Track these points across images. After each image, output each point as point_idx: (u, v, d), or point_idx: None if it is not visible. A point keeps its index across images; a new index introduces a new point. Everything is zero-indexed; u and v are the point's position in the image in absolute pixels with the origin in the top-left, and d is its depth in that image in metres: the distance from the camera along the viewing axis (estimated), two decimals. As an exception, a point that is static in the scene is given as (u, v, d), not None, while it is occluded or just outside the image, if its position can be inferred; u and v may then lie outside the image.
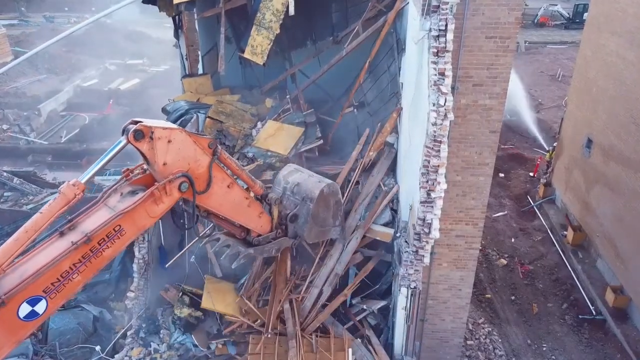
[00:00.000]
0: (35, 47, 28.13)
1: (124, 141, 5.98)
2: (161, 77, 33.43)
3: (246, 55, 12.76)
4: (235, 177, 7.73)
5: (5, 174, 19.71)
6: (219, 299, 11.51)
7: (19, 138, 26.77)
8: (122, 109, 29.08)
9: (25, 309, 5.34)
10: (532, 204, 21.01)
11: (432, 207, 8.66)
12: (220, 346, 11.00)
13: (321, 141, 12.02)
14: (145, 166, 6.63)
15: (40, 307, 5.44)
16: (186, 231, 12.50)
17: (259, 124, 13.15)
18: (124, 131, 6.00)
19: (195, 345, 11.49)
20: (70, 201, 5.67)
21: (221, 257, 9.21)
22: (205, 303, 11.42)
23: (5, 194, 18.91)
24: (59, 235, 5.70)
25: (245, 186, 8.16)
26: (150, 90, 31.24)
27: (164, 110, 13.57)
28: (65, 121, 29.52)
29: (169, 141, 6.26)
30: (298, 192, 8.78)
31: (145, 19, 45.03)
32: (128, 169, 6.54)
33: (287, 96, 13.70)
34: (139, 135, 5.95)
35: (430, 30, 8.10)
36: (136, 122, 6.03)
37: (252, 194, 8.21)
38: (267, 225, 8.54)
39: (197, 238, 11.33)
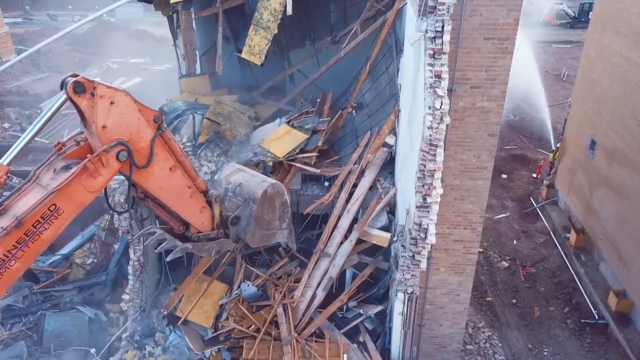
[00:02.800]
0: (38, 45, 28.05)
1: (64, 96, 5.42)
2: (163, 76, 33.30)
3: (244, 55, 12.66)
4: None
5: (4, 173, 19.66)
6: (198, 304, 11.47)
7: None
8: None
9: None
10: (535, 205, 20.78)
11: (428, 212, 8.50)
12: (214, 353, 10.88)
13: (317, 153, 11.82)
14: (79, 137, 6.06)
15: None
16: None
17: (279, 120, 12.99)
18: (63, 84, 5.44)
19: (190, 349, 11.39)
20: None
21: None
22: (180, 312, 11.39)
23: (5, 193, 18.86)
24: None
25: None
26: (152, 89, 31.05)
27: (161, 110, 13.45)
28: (67, 120, 29.46)
29: (112, 102, 5.71)
30: (240, 193, 8.18)
31: (148, 17, 44.99)
32: (60, 143, 5.95)
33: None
34: (80, 88, 5.37)
35: (426, 31, 7.92)
36: (76, 76, 5.48)
37: None
38: (209, 222, 7.90)
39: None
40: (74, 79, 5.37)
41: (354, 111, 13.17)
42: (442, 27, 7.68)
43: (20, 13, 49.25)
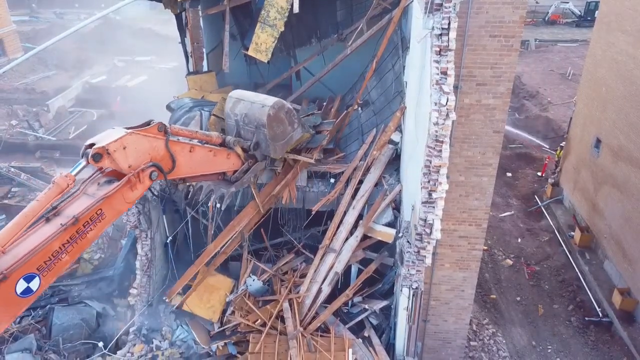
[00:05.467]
0: (45, 44, 28.23)
1: (84, 163, 6.67)
2: (169, 74, 33.48)
3: (250, 52, 12.74)
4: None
5: (13, 169, 19.87)
6: (204, 299, 11.57)
7: (28, 134, 26.93)
8: (130, 105, 29.18)
9: (21, 285, 5.85)
10: (540, 204, 20.80)
11: (434, 207, 8.57)
12: (220, 347, 10.99)
13: (316, 155, 11.96)
14: None
15: (34, 284, 5.96)
16: (190, 226, 12.61)
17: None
18: (83, 155, 6.69)
19: (196, 343, 11.52)
20: (63, 190, 6.29)
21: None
22: (186, 306, 11.50)
23: (13, 189, 19.07)
24: (45, 221, 6.22)
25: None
26: (157, 87, 31.24)
27: (168, 107, 13.56)
28: (73, 117, 29.68)
29: (124, 148, 6.95)
30: (249, 122, 9.63)
31: (154, 15, 45.16)
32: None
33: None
34: (98, 157, 6.64)
35: (433, 28, 7.99)
36: (91, 145, 6.68)
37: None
38: (238, 160, 9.49)
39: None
40: (91, 151, 6.60)
41: (359, 108, 13.23)
42: (449, 24, 7.74)
43: (27, 11, 49.47)
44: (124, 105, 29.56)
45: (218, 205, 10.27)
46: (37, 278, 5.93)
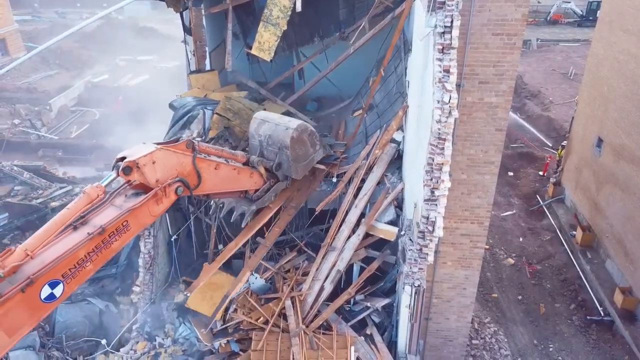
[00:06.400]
0: (47, 43, 28.32)
1: (114, 175, 6.87)
2: (171, 74, 33.54)
3: (253, 51, 12.77)
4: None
5: (15, 168, 19.93)
6: (207, 297, 11.59)
7: (30, 133, 27.04)
8: (131, 105, 29.27)
9: (46, 291, 5.92)
10: (541, 203, 20.82)
11: (436, 205, 8.59)
12: (223, 345, 11.02)
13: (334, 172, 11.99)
14: None
15: (58, 291, 6.05)
16: (193, 224, 12.66)
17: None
18: (114, 167, 6.89)
19: (199, 340, 11.54)
20: (93, 200, 6.50)
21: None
22: (191, 303, 11.52)
23: (16, 187, 19.13)
24: (73, 229, 6.33)
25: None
26: (159, 87, 31.34)
27: (170, 106, 13.62)
28: (75, 116, 29.78)
29: (153, 162, 7.13)
30: (273, 143, 9.88)
31: (156, 15, 45.33)
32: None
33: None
34: (128, 170, 6.86)
35: (435, 26, 8.02)
36: (122, 159, 6.87)
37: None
38: (260, 180, 9.77)
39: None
40: (121, 164, 6.84)
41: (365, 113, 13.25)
42: (451, 22, 7.78)
43: (29, 11, 49.62)
44: (126, 105, 29.62)
45: (242, 224, 10.66)
46: (61, 285, 6.02)
